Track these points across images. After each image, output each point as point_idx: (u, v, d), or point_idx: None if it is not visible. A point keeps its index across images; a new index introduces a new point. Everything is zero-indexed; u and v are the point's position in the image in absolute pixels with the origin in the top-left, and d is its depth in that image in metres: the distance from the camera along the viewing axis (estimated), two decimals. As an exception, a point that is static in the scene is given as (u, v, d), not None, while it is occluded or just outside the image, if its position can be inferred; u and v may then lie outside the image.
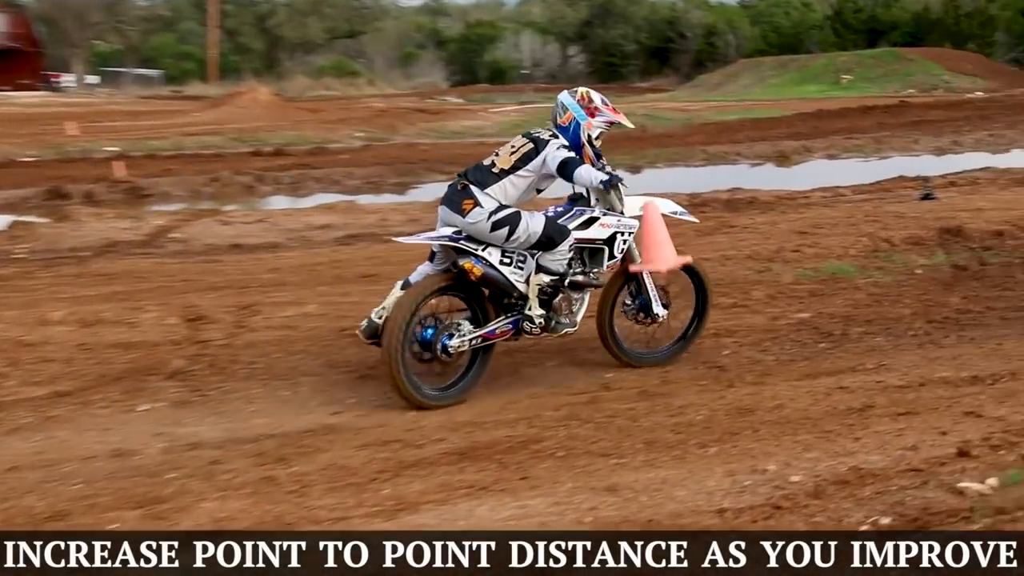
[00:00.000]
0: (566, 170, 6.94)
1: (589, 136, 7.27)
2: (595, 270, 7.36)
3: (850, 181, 17.68)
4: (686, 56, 67.30)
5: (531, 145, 7.07)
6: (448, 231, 6.94)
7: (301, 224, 14.01)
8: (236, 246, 12.67)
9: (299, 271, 10.75)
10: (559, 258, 7.07)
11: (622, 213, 7.41)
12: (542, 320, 7.09)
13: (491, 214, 6.84)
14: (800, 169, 22.98)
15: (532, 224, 6.94)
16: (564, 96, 7.36)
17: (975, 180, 16.33)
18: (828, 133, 26.74)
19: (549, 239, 6.99)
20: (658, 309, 7.61)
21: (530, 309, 7.05)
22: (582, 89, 7.43)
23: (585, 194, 7.43)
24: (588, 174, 6.99)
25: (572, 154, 7.04)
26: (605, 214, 7.36)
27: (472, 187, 6.91)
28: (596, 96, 7.36)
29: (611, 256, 7.39)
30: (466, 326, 6.94)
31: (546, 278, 7.05)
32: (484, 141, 27.23)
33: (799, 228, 12.40)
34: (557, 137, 7.17)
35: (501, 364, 7.87)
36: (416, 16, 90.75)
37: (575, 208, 7.37)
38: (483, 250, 6.89)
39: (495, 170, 7.01)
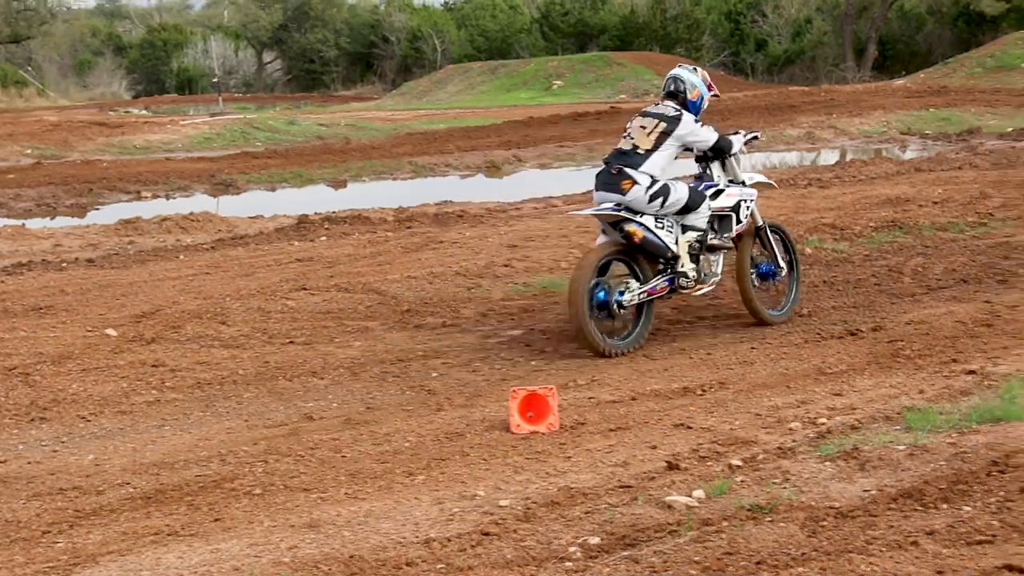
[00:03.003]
0: (722, 143, 8.93)
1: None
2: (725, 234, 9.03)
3: (562, 191, 18.24)
4: (391, 62, 67.60)
5: (664, 124, 8.69)
6: (610, 205, 8.50)
7: (-39, 253, 13.37)
8: None
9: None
10: (702, 216, 8.81)
11: (743, 183, 9.22)
12: (695, 274, 8.80)
13: (647, 188, 8.47)
14: (511, 180, 23.53)
15: (679, 191, 8.66)
16: (685, 74, 9.06)
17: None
18: (539, 141, 27.42)
19: (693, 202, 8.73)
20: (782, 262, 9.30)
21: (683, 266, 8.74)
22: (697, 68, 9.23)
23: (708, 170, 9.16)
24: (736, 140, 9.09)
25: (712, 128, 8.89)
26: (729, 185, 9.11)
27: (626, 169, 8.50)
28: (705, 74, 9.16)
29: (738, 221, 9.06)
30: (634, 283, 8.57)
31: (693, 235, 8.79)
32: (172, 157, 26.65)
33: (510, 242, 12.73)
34: (684, 113, 8.76)
35: (192, 399, 7.75)
36: (90, 19, 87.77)
37: (703, 183, 9.07)
38: (641, 218, 8.46)
39: (640, 151, 8.60)
